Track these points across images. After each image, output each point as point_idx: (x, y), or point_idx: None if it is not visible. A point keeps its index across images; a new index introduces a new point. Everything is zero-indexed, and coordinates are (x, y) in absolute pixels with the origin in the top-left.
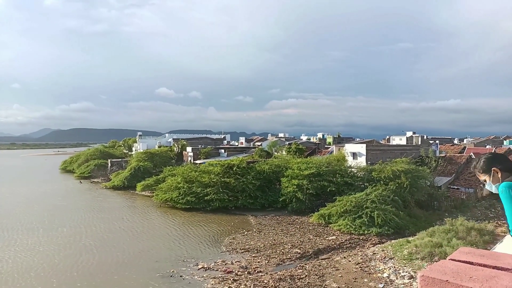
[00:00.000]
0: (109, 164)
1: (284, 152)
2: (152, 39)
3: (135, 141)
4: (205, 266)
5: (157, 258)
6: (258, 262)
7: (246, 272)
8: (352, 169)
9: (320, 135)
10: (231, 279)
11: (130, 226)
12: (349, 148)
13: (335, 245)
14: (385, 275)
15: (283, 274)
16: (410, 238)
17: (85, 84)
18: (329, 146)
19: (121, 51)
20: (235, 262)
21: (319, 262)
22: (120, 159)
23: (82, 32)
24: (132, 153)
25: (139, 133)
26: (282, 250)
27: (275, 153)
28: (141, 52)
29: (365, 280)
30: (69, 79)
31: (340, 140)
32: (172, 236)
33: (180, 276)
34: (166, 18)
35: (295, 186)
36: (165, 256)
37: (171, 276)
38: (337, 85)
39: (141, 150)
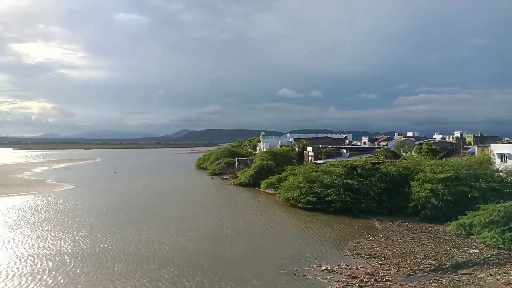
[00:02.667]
0: (236, 162)
1: (414, 153)
2: (274, 42)
3: (259, 141)
4: (329, 268)
5: (280, 254)
6: (386, 270)
7: (372, 280)
8: (500, 174)
9: (457, 133)
10: (357, 284)
11: (255, 221)
12: (496, 148)
13: (478, 260)
14: None
15: (415, 286)
16: None
17: (215, 89)
18: (469, 147)
19: (246, 56)
20: (360, 267)
21: (458, 277)
22: (246, 158)
23: (211, 41)
24: (256, 152)
25: (263, 133)
26: (414, 260)
27: (403, 153)
28: (263, 55)
29: None
30: (202, 84)
31: (483, 140)
32: (294, 234)
33: (304, 276)
34: (287, 20)
35: (428, 191)
36: (288, 254)
37: (295, 274)
38: (478, 77)
39: (264, 150)
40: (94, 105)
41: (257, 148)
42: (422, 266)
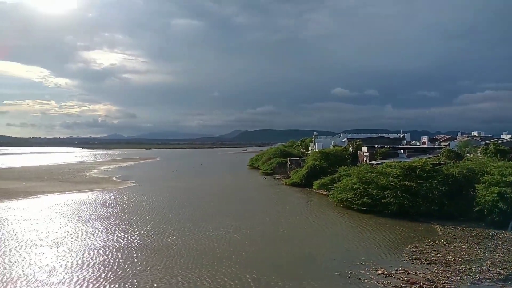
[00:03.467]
0: (288, 162)
1: (479, 154)
2: (326, 41)
3: (311, 141)
4: (385, 273)
5: (335, 256)
6: (448, 277)
7: (433, 286)
8: None
9: None
10: None
11: (309, 222)
12: None
13: None
14: None
15: None
16: None
17: (268, 89)
18: None
19: (299, 56)
20: (419, 273)
21: None
22: (298, 158)
23: (264, 42)
24: (309, 152)
25: (315, 133)
26: (479, 268)
27: (468, 154)
28: (317, 55)
29: None
30: (255, 85)
31: None
32: (349, 237)
33: (359, 279)
34: (340, 18)
35: (495, 195)
36: (342, 256)
37: (349, 277)
38: None
39: (317, 150)
40: (154, 107)
41: (309, 148)
42: (489, 275)
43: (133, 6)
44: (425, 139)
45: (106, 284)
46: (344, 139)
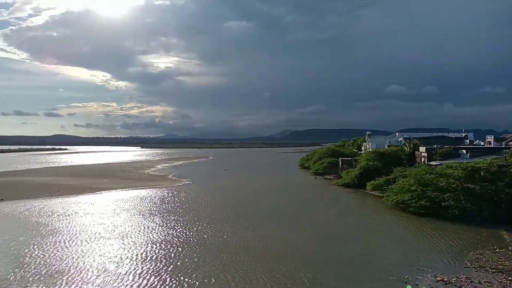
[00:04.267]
0: (340, 162)
1: None
2: (379, 37)
3: (364, 141)
4: (445, 279)
5: (391, 260)
6: None
7: None
8: None
9: None
10: None
11: (363, 223)
12: None
13: None
14: None
15: None
16: None
17: (318, 88)
18: None
19: (348, 53)
20: (484, 282)
21: None
22: (350, 158)
23: (314, 41)
24: (361, 152)
25: (368, 132)
26: None
27: None
28: (368, 52)
29: None
30: (305, 84)
31: None
32: (405, 240)
33: (416, 285)
34: (394, 13)
35: None
36: (398, 260)
37: (405, 282)
38: None
39: (370, 149)
40: (207, 108)
41: (362, 148)
42: None
43: (187, 11)
44: (490, 138)
45: (167, 276)
46: (400, 139)
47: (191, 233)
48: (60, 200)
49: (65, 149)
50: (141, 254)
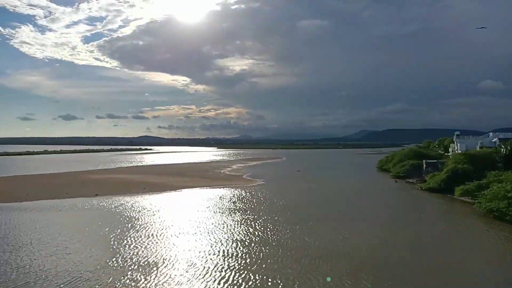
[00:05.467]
0: (424, 165)
1: None
2: (468, 29)
3: (452, 141)
4: None
5: (486, 274)
6: None
7: None
8: None
9: None
10: None
11: (452, 232)
12: None
13: None
14: None
15: None
16: None
17: (399, 86)
18: None
19: (433, 47)
20: None
21: None
22: (435, 160)
23: (394, 36)
24: (449, 154)
25: (457, 132)
26: None
27: None
28: (455, 45)
29: None
30: (384, 82)
31: None
32: (502, 252)
33: None
34: (487, 1)
35: None
36: (494, 274)
37: None
38: None
39: (459, 151)
40: (280, 108)
41: (450, 149)
42: None
43: (262, 14)
44: None
45: (251, 275)
46: (494, 139)
47: (271, 233)
48: (147, 197)
49: (150, 149)
50: (225, 250)
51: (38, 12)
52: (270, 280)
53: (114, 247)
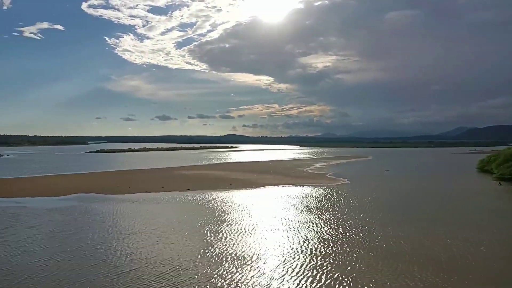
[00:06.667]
0: None
1: None
2: None
3: None
4: None
5: None
6: None
7: None
8: None
9: None
10: None
11: None
12: None
13: None
14: None
15: None
16: None
17: (503, 77)
18: None
19: None
20: None
21: None
22: None
23: (494, 22)
24: None
25: None
26: None
27: None
28: None
29: None
30: (485, 73)
31: None
32: None
33: None
34: None
35: None
36: None
37: None
38: None
39: None
40: (366, 105)
41: None
42: None
43: (347, 8)
44: None
45: (344, 277)
46: None
47: (361, 235)
48: (234, 193)
49: (235, 147)
50: (315, 249)
51: (138, 22)
52: (365, 283)
53: (209, 239)
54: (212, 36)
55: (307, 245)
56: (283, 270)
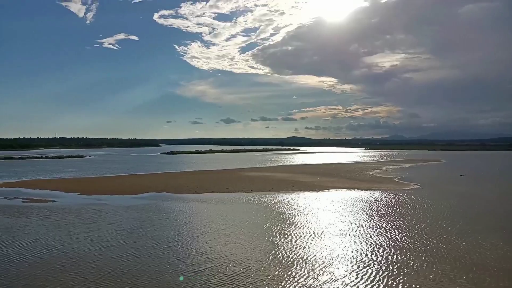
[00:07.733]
0: None
1: None
2: None
3: None
4: None
5: None
6: None
7: None
8: None
9: None
10: None
11: None
12: None
13: None
14: None
15: None
16: None
17: None
18: None
19: None
20: None
21: None
22: None
23: None
24: None
25: None
26: None
27: None
28: None
29: None
30: None
31: None
32: None
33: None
34: None
35: None
36: None
37: None
38: None
39: None
40: (438, 105)
41: None
42: None
43: (416, 3)
44: None
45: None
46: None
47: (441, 244)
48: (298, 195)
49: (298, 149)
50: (390, 257)
51: (204, 30)
52: None
53: (278, 241)
54: (275, 39)
55: (381, 252)
56: (356, 278)
